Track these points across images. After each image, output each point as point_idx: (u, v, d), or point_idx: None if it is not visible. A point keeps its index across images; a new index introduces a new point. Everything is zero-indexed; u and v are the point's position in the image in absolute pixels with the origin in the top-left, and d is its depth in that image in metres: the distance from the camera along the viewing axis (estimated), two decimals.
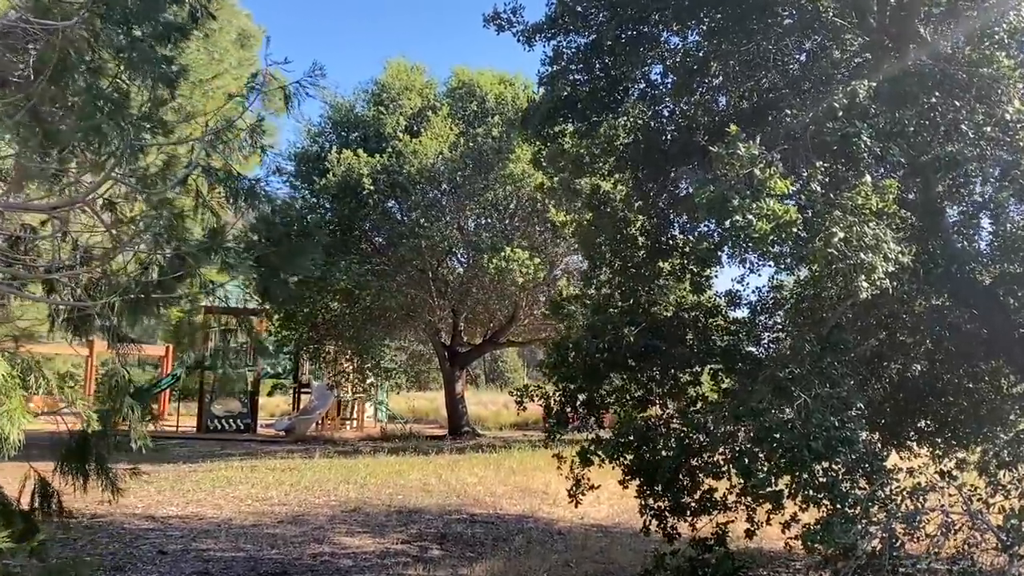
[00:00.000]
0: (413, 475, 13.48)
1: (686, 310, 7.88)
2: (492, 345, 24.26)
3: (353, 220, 19.17)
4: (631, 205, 7.88)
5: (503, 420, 29.15)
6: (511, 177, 18.23)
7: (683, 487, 5.49)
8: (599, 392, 7.09)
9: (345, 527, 9.40)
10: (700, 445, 5.71)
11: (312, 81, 4.99)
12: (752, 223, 4.07)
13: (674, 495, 5.47)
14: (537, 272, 17.81)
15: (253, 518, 9.68)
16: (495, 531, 9.48)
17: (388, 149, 18.84)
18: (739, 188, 4.07)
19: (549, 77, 8.03)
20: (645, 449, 5.64)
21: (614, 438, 5.98)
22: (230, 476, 13.16)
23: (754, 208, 4.03)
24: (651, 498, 5.67)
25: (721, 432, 5.37)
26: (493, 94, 19.79)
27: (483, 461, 15.63)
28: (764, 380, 5.14)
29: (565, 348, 7.05)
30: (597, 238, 7.43)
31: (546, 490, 12.27)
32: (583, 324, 7.33)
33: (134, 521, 9.25)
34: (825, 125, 4.46)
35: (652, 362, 7.33)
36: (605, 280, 7.71)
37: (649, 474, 5.51)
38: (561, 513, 10.67)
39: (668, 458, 5.38)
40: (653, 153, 7.31)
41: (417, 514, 10.31)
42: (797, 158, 4.43)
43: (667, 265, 8.10)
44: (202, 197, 4.91)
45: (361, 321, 19.76)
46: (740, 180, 4.09)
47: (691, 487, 5.54)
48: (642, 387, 7.54)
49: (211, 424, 24.91)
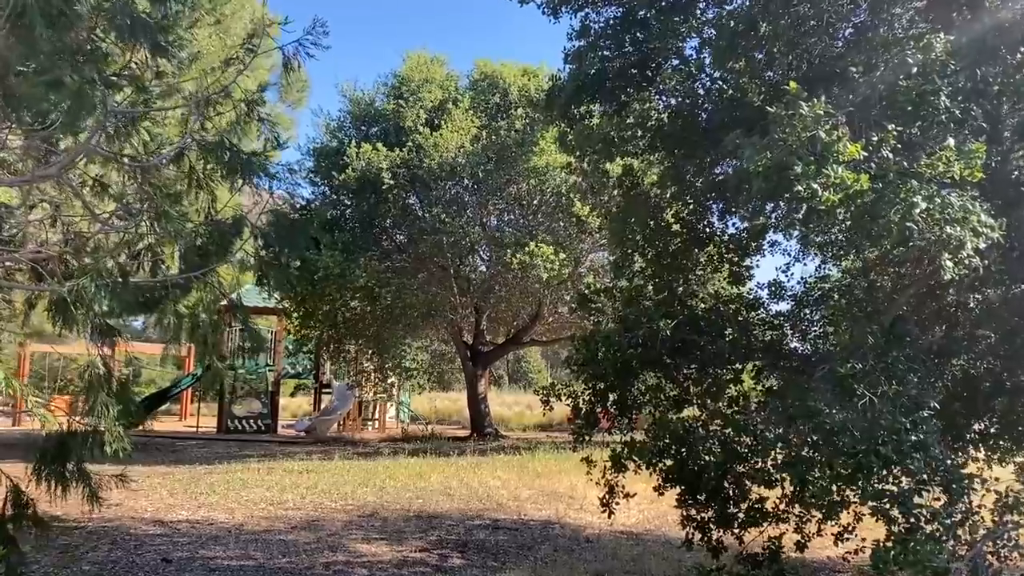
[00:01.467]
0: (434, 478, 12.99)
1: (725, 302, 7.31)
2: (515, 344, 23.71)
3: (373, 216, 18.74)
4: (665, 190, 7.31)
5: (527, 421, 28.63)
6: (535, 170, 17.67)
7: (729, 496, 4.92)
8: (631, 391, 6.53)
9: (361, 533, 8.92)
10: (749, 449, 5.13)
11: (314, 40, 4.48)
12: (817, 193, 3.50)
13: (719, 505, 4.90)
14: (562, 268, 17.25)
15: (266, 523, 9.24)
16: (519, 538, 8.95)
17: (408, 143, 18.39)
18: (801, 153, 3.50)
19: (575, 53, 7.49)
20: (685, 454, 5.07)
21: (651, 442, 5.41)
22: (246, 478, 12.75)
23: (820, 176, 3.46)
24: (693, 508, 5.09)
25: (772, 435, 4.79)
26: (516, 86, 19.24)
27: (506, 463, 15.11)
28: (823, 377, 4.56)
29: (594, 343, 6.49)
30: (628, 224, 6.86)
31: (572, 494, 11.72)
32: (613, 318, 6.77)
33: (141, 526, 8.84)
34: (897, 84, 3.89)
35: (689, 358, 6.77)
36: (637, 270, 7.15)
37: (691, 482, 4.94)
38: (589, 519, 10.12)
39: (712, 464, 4.81)
40: (689, 134, 6.73)
41: (437, 519, 9.81)
42: (865, 122, 3.86)
43: (704, 255, 7.56)
44: (196, 174, 4.44)
45: (382, 320, 19.31)
46: (802, 145, 3.52)
47: (738, 496, 4.95)
48: (678, 386, 6.99)
49: (231, 425, 24.64)
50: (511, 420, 28.61)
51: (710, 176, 6.48)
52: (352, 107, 20.71)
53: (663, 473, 5.15)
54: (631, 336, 6.41)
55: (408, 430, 23.75)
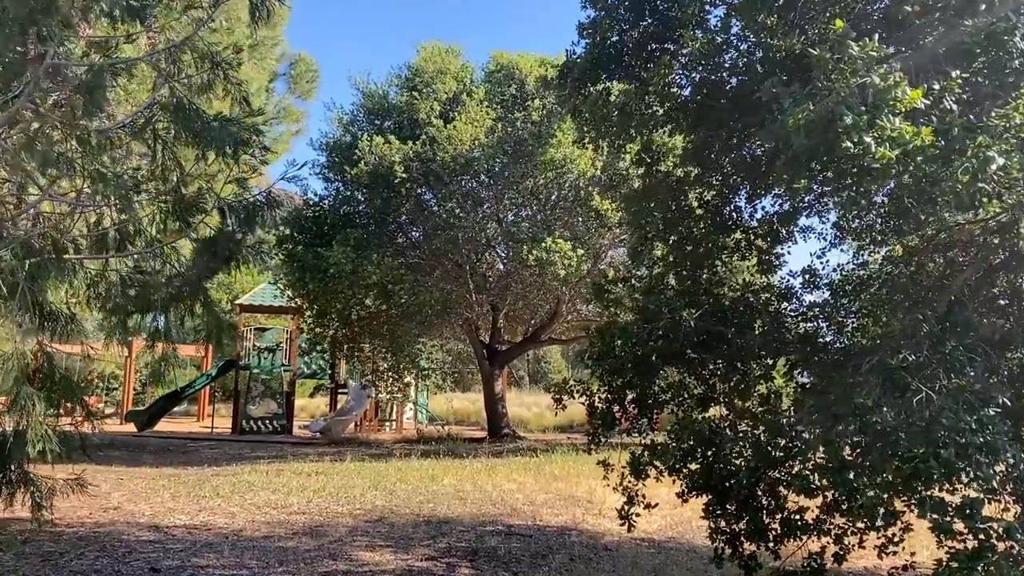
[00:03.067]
0: (446, 480, 12.48)
1: (754, 292, 6.73)
2: (533, 343, 23.15)
3: (386, 212, 18.29)
4: (688, 170, 6.75)
5: (546, 422, 28.07)
6: (552, 163, 17.09)
7: (764, 506, 4.34)
8: (652, 388, 5.97)
9: (366, 540, 8.41)
10: (784, 452, 4.55)
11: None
12: (870, 149, 2.94)
13: (752, 516, 4.33)
14: (580, 264, 16.68)
15: (266, 528, 8.77)
16: (533, 546, 8.40)
17: (422, 136, 17.90)
18: (851, 102, 2.95)
19: (590, 25, 6.96)
20: (712, 458, 4.50)
21: (673, 444, 4.85)
22: (252, 480, 12.33)
23: (873, 129, 2.89)
24: (722, 519, 4.52)
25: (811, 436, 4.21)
26: (533, 77, 18.70)
27: (523, 466, 14.57)
28: (871, 370, 3.98)
29: (611, 336, 5.94)
30: (648, 207, 6.30)
31: (590, 498, 11.16)
32: (632, 308, 6.22)
33: (135, 531, 8.40)
34: (962, 24, 3.32)
35: (715, 353, 6.20)
36: (658, 258, 6.59)
37: (720, 489, 4.37)
38: (607, 525, 9.55)
39: (743, 469, 4.24)
40: (714, 107, 6.17)
41: (448, 525, 9.28)
42: (923, 69, 3.30)
43: (730, 241, 6.99)
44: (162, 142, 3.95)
45: (396, 318, 18.85)
46: (852, 92, 2.96)
47: (773, 506, 4.37)
48: (703, 383, 6.42)
49: (246, 425, 24.33)
50: (530, 421, 28.07)
51: (741, 151, 5.90)
52: (365, 100, 20.28)
53: (688, 480, 4.57)
54: (651, 328, 5.86)
55: (424, 431, 23.26)
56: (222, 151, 3.66)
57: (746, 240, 7.05)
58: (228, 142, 3.69)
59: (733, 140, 6.40)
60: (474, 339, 21.65)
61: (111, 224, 3.74)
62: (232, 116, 3.93)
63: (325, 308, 19.05)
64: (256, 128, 3.78)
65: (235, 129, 3.70)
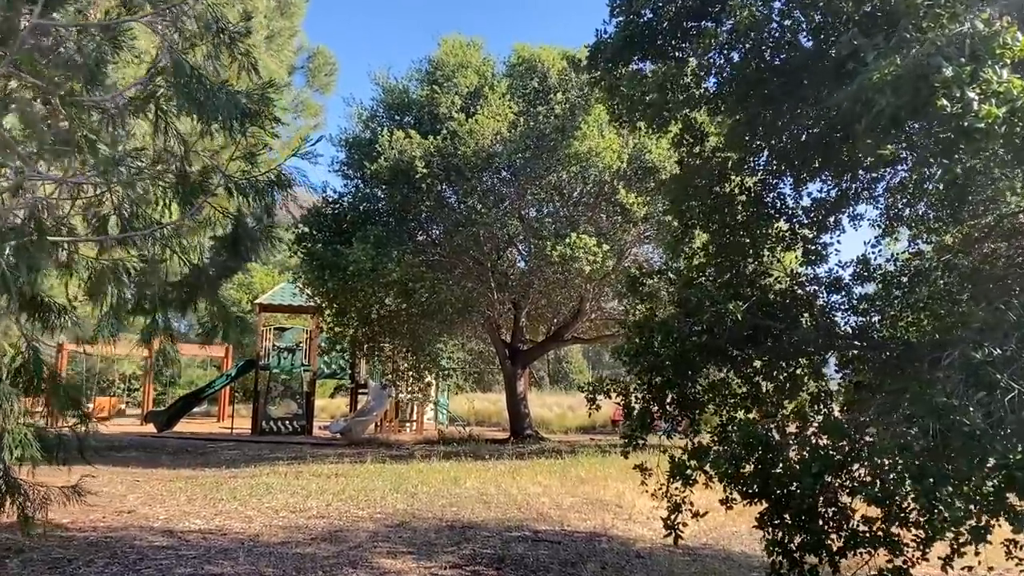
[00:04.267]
0: (470, 483, 12.10)
1: (801, 283, 6.29)
2: (556, 342, 22.71)
3: (407, 208, 17.94)
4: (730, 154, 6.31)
5: (568, 423, 27.65)
6: (576, 157, 16.65)
7: (828, 516, 3.91)
8: (694, 387, 5.55)
9: (388, 546, 8.04)
10: (846, 456, 4.12)
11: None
12: (971, 107, 2.51)
13: (814, 526, 3.89)
14: (605, 261, 16.23)
15: (284, 534, 8.42)
16: (562, 553, 7.99)
17: (443, 131, 17.54)
18: (948, 52, 2.52)
19: (622, 2, 6.54)
20: (768, 463, 4.08)
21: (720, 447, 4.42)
22: (270, 483, 12.02)
23: (977, 82, 2.47)
24: (780, 530, 4.08)
25: (879, 439, 3.78)
26: (556, 70, 18.27)
27: (547, 468, 14.16)
28: (951, 366, 3.54)
29: (649, 331, 5.53)
30: (688, 193, 5.88)
31: (619, 502, 10.73)
32: (671, 301, 5.81)
33: (148, 536, 8.09)
34: None
35: (761, 348, 5.77)
36: (699, 247, 6.17)
37: (777, 497, 3.94)
38: (639, 531, 9.13)
39: (804, 476, 3.81)
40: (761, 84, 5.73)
41: (472, 530, 8.89)
42: None
43: (774, 230, 6.55)
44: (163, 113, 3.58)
45: (416, 317, 18.50)
46: (949, 41, 2.54)
47: (839, 516, 3.93)
48: (747, 381, 5.99)
49: (266, 426, 24.12)
50: (552, 422, 27.66)
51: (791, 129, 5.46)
52: (385, 96, 19.95)
53: (742, 487, 4.14)
54: (693, 322, 5.45)
55: (445, 432, 22.91)
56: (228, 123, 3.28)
57: (791, 229, 6.62)
58: (234, 113, 3.31)
59: (782, 119, 5.96)
60: (496, 338, 21.26)
61: (111, 208, 3.40)
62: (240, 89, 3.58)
63: (345, 307, 18.74)
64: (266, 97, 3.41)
65: (242, 99, 3.32)
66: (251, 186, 3.40)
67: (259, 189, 3.44)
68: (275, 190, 3.63)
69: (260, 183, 3.48)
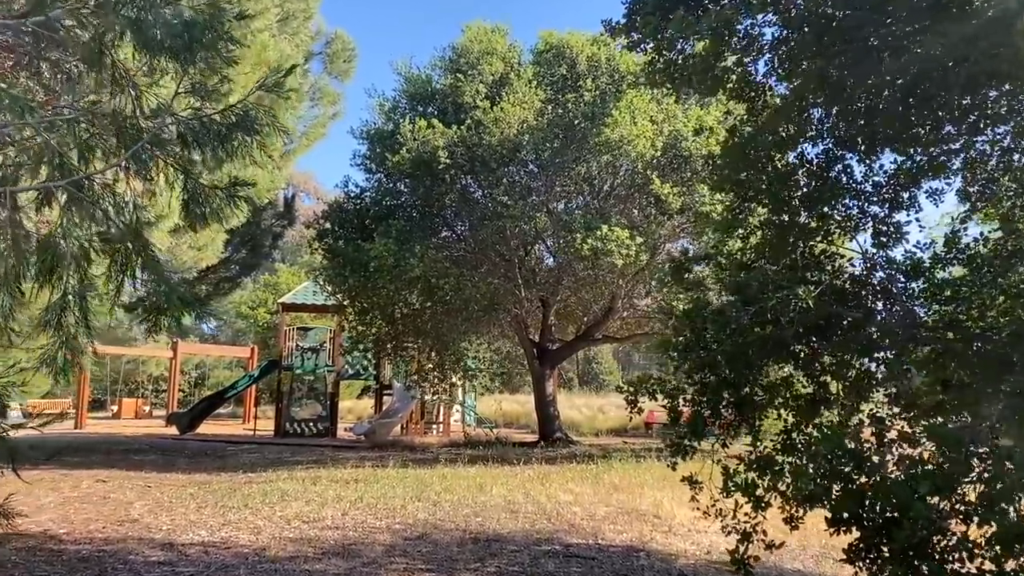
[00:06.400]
0: (496, 491, 11.35)
1: (873, 267, 5.45)
2: (586, 341, 21.83)
3: (430, 201, 17.23)
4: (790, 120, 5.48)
5: (599, 425, 26.79)
6: (607, 145, 15.80)
7: (941, 549, 3.06)
8: (754, 387, 4.74)
9: (404, 562, 7.31)
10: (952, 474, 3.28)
11: None
12: None
13: (925, 562, 3.04)
14: (639, 255, 15.37)
15: (293, 547, 7.73)
16: (597, 571, 7.20)
17: (467, 120, 16.80)
18: None
19: None
20: (862, 481, 3.26)
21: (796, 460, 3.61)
22: (286, 489, 11.38)
23: None
24: (884, 568, 3.21)
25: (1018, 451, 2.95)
26: (585, 56, 17.46)
27: (579, 474, 13.36)
28: None
29: (702, 321, 4.73)
30: (744, 162, 5.06)
31: (657, 512, 9.90)
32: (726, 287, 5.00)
33: (146, 550, 7.44)
34: None
35: (831, 342, 4.95)
36: (755, 226, 5.36)
37: (876, 527, 3.12)
38: (680, 545, 8.30)
39: (910, 498, 2.99)
40: (828, 34, 4.91)
41: (498, 543, 8.13)
42: None
43: (839, 207, 5.72)
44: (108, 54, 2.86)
45: (440, 315, 17.78)
46: None
47: (958, 552, 3.07)
48: (813, 379, 5.17)
49: (289, 428, 23.59)
50: (582, 424, 26.83)
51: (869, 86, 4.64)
52: (407, 86, 19.26)
53: (834, 510, 3.30)
54: (753, 311, 4.64)
55: (471, 434, 22.16)
56: (169, 46, 2.55)
57: (859, 207, 5.79)
58: (177, 30, 2.58)
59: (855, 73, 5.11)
60: (523, 337, 20.48)
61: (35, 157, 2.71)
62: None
63: (367, 305, 18.08)
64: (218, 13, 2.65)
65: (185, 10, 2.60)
66: (206, 129, 2.68)
67: (218, 134, 2.71)
68: (242, 137, 2.88)
69: (218, 126, 2.75)
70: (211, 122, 2.78)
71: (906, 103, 5.09)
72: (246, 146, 2.96)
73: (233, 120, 2.93)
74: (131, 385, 39.69)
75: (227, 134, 2.82)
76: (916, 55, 4.08)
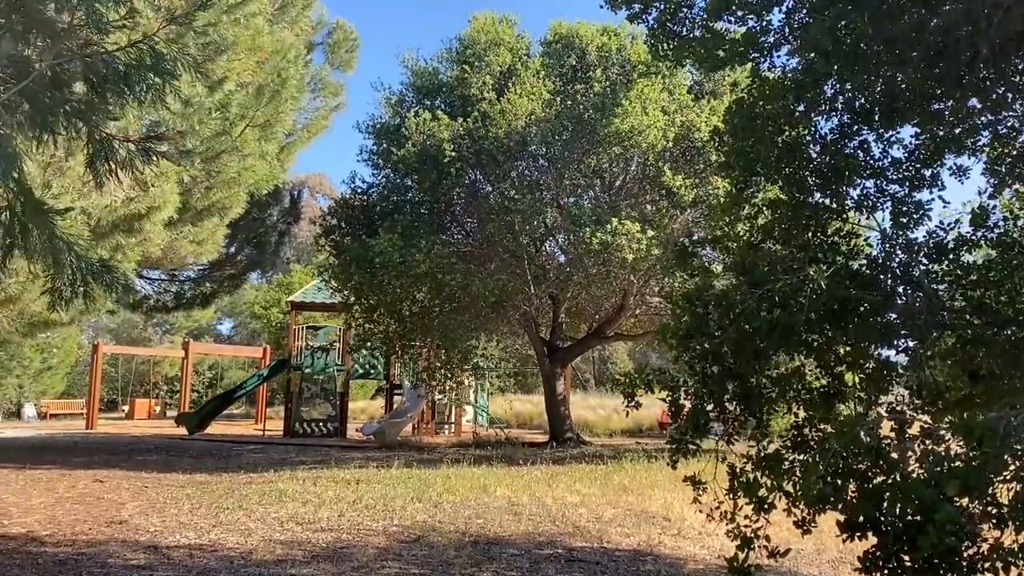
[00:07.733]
0: (500, 492, 10.97)
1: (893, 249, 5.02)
2: (597, 339, 21.39)
3: (436, 196, 16.88)
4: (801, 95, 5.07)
5: (613, 426, 26.33)
6: (617, 135, 15.36)
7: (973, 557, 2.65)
8: (762, 379, 4.33)
9: (397, 566, 6.95)
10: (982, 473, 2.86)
11: None
12: None
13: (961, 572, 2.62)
14: (650, 249, 14.92)
15: (282, 550, 7.39)
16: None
17: (474, 113, 16.44)
18: None
19: None
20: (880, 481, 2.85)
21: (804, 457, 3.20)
22: (285, 489, 11.06)
23: None
24: (901, 574, 2.79)
25: None
26: (595, 46, 17.05)
27: (587, 475, 12.95)
28: None
29: (704, 305, 4.33)
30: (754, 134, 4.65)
31: (667, 515, 9.48)
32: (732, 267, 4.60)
33: (127, 553, 7.13)
34: None
35: (845, 329, 4.53)
36: (764, 204, 4.94)
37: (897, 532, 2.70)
38: (690, 548, 7.89)
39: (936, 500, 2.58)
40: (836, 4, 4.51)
41: (497, 547, 7.75)
42: None
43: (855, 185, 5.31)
44: None
45: (448, 312, 17.42)
46: None
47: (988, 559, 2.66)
48: (826, 371, 4.76)
49: (298, 428, 23.32)
50: (596, 425, 26.39)
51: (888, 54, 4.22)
52: (413, 79, 18.93)
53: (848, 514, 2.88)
54: (760, 294, 4.22)
55: (480, 434, 21.77)
56: None
57: (877, 184, 5.36)
58: None
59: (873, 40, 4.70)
60: (533, 335, 20.07)
61: None
62: None
63: (374, 302, 17.76)
64: None
65: None
66: (110, 68, 2.29)
67: (121, 73, 2.33)
68: (149, 73, 2.52)
69: (124, 63, 2.36)
70: (115, 58, 2.43)
71: (929, 72, 4.66)
72: (157, 88, 2.60)
73: (135, 60, 2.56)
74: (146, 385, 39.66)
75: (131, 75, 2.46)
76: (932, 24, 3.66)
